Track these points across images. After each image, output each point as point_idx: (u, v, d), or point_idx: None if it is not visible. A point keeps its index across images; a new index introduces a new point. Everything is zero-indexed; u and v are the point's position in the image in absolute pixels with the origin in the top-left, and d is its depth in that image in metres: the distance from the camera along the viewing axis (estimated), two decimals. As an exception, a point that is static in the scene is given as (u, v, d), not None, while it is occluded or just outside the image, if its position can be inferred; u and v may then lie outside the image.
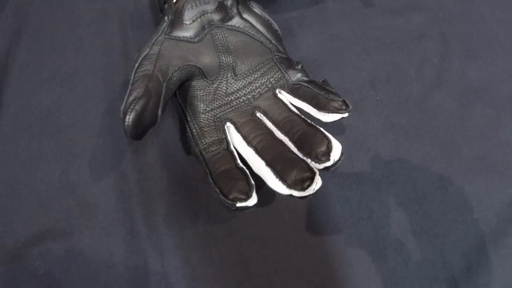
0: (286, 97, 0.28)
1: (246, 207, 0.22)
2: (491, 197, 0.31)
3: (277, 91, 0.28)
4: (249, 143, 0.26)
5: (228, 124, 0.27)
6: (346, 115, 0.26)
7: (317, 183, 0.22)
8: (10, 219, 0.33)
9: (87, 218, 0.32)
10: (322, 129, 0.25)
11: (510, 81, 0.34)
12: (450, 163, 0.32)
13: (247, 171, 0.24)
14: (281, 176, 0.23)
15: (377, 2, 0.37)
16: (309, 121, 0.25)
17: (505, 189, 0.31)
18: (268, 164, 0.24)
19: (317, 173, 0.23)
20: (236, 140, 0.26)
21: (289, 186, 0.22)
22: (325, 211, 0.31)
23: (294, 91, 0.27)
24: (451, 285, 0.29)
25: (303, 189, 0.22)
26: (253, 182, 0.23)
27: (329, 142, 0.24)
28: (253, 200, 0.22)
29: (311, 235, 0.30)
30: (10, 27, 0.40)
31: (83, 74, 0.37)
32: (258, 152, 0.25)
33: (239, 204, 0.22)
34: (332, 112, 0.26)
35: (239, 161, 0.25)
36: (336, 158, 0.23)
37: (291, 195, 0.23)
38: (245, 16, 0.29)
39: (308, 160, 0.23)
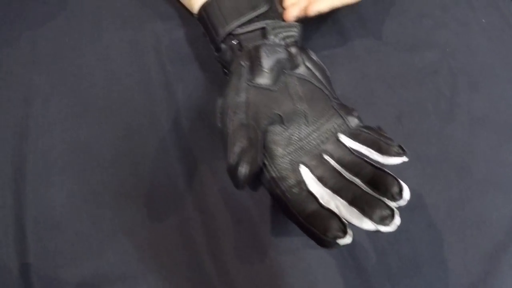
0: (346, 141, 0.31)
1: (346, 244, 0.25)
2: (498, 212, 0.37)
3: (338, 135, 0.31)
4: (325, 184, 0.28)
5: (302, 166, 0.29)
6: (406, 159, 0.29)
7: (398, 218, 0.26)
8: (56, 263, 0.32)
9: (149, 260, 0.32)
10: (388, 171, 0.28)
11: (506, 108, 0.40)
12: (465, 185, 0.38)
13: (334, 211, 0.27)
14: (367, 214, 0.26)
15: (393, 40, 0.41)
16: (374, 163, 0.29)
17: (508, 204, 0.37)
18: (351, 203, 0.27)
19: (396, 209, 0.26)
20: (309, 181, 0.29)
21: (377, 222, 0.25)
22: (370, 234, 0.34)
23: (354, 136, 0.30)
24: (473, 289, 0.35)
25: (388, 225, 0.25)
26: (345, 221, 0.26)
27: (399, 183, 0.27)
28: (350, 237, 0.25)
29: (363, 258, 0.34)
30: (26, 57, 0.37)
31: (122, 108, 0.36)
32: (337, 192, 0.27)
33: (341, 242, 0.25)
34: (394, 156, 0.29)
35: (322, 201, 0.27)
36: (407, 197, 0.27)
37: (377, 231, 0.26)
38: (307, 64, 0.31)
39: (384, 199, 0.27)
